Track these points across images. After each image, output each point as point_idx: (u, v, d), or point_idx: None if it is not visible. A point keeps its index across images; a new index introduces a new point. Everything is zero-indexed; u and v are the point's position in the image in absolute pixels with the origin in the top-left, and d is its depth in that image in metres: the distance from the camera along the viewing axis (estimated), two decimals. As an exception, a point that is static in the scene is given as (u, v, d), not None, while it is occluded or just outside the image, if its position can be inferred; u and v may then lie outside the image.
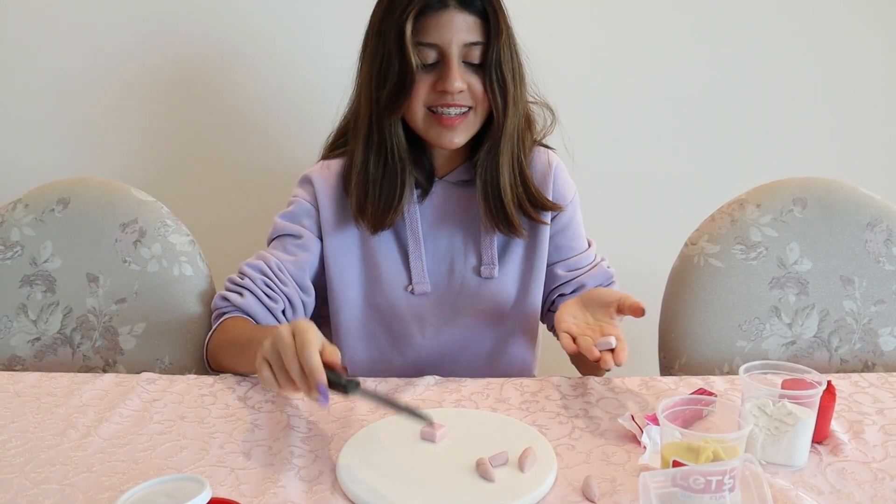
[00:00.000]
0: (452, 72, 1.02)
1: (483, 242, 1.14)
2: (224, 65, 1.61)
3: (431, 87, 1.04)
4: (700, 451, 0.72)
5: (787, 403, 0.82)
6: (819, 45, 1.64)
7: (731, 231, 1.21)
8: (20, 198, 1.26)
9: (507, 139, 1.08)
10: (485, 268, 1.14)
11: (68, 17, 1.57)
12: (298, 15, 1.58)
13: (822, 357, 1.19)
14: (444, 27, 1.02)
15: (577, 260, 1.19)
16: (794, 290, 1.20)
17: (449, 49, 1.02)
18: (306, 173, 1.17)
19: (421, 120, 1.07)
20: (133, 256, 1.22)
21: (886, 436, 0.89)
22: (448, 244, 1.15)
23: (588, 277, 1.19)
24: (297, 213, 1.15)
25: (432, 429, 0.86)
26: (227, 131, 1.64)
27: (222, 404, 0.98)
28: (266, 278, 1.12)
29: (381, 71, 1.04)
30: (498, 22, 1.04)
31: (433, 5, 1.02)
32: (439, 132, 1.06)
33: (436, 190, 1.15)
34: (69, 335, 1.22)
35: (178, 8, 1.57)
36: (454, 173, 1.15)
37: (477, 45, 1.04)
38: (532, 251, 1.16)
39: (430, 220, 1.15)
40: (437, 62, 1.04)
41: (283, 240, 1.15)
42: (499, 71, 1.05)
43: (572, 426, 0.91)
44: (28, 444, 0.88)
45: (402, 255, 1.14)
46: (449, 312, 1.15)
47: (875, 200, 1.21)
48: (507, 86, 1.05)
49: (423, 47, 1.03)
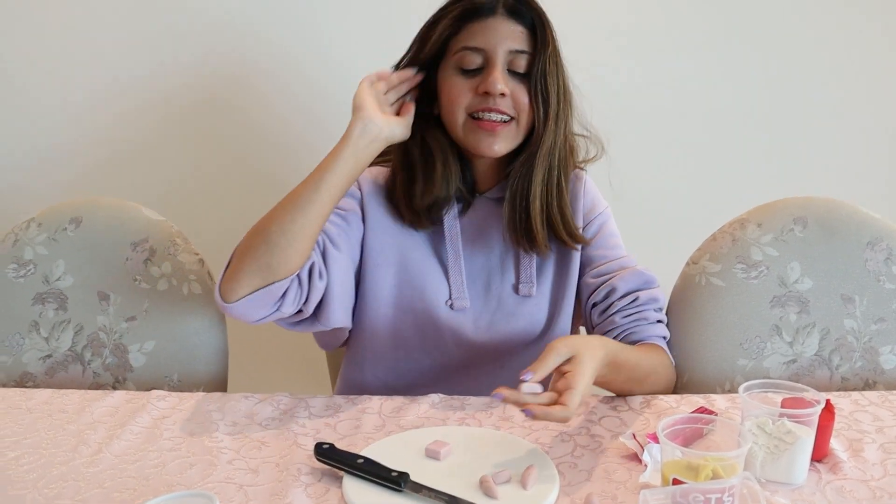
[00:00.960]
0: (495, 72, 1.04)
1: (522, 260, 1.15)
2: (237, 84, 1.64)
3: (473, 90, 1.06)
4: (700, 469, 0.73)
5: (787, 422, 0.83)
6: (820, 66, 1.66)
7: (733, 250, 1.23)
8: (33, 217, 1.29)
9: (543, 153, 1.08)
10: (523, 286, 1.14)
11: (80, 38, 1.61)
12: (312, 33, 1.61)
13: (824, 375, 1.20)
14: (490, 32, 1.05)
15: (607, 266, 1.15)
16: (794, 308, 1.21)
17: (494, 53, 1.04)
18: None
19: (461, 126, 1.08)
20: (143, 275, 1.25)
21: (885, 454, 0.90)
22: (485, 261, 1.15)
23: (619, 280, 1.12)
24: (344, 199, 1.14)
25: (437, 446, 0.87)
26: (239, 151, 1.67)
27: (230, 421, 1.00)
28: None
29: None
30: (545, 33, 1.06)
31: (482, 11, 1.05)
32: (479, 138, 1.07)
33: (476, 205, 1.16)
34: (80, 352, 1.24)
35: (189, 27, 1.60)
36: (494, 189, 1.16)
37: (523, 54, 1.06)
38: (563, 270, 1.16)
39: (469, 235, 1.15)
40: (480, 67, 1.06)
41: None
42: (543, 82, 1.06)
43: (574, 444, 0.93)
44: (41, 459, 0.90)
45: (441, 268, 1.14)
46: (485, 328, 1.15)
47: (875, 219, 1.22)
48: (549, 99, 1.06)
49: (468, 51, 1.05)
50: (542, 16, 1.07)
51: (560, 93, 1.08)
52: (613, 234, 1.19)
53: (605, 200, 1.22)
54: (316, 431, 0.97)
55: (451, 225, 1.14)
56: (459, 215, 1.15)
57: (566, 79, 1.10)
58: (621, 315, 1.11)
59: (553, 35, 1.07)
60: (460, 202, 1.15)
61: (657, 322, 1.14)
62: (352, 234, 1.12)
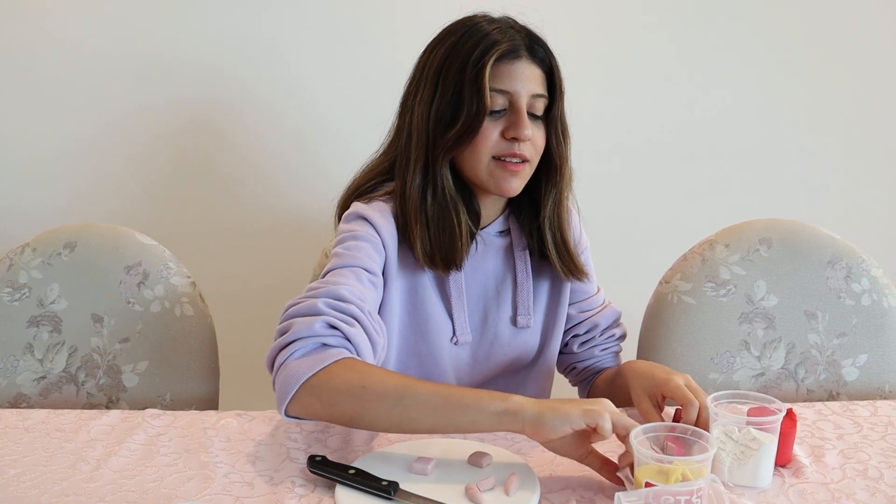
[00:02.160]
0: (523, 119, 1.05)
1: (520, 293, 1.17)
2: (228, 111, 1.69)
3: (500, 135, 1.07)
4: (670, 473, 0.78)
5: (752, 430, 0.89)
6: (786, 98, 1.74)
7: (702, 270, 1.29)
8: (28, 242, 1.32)
9: (566, 190, 1.15)
10: (521, 318, 1.17)
11: (76, 63, 1.65)
12: (308, 63, 1.67)
13: (790, 387, 1.27)
14: (516, 76, 1.06)
15: (590, 302, 1.24)
16: (761, 324, 1.27)
17: (519, 97, 1.06)
18: (356, 211, 1.10)
19: (485, 167, 1.08)
20: (137, 298, 1.28)
21: (845, 459, 0.96)
22: (481, 294, 1.17)
23: (600, 317, 1.24)
24: (366, 247, 1.06)
25: (422, 462, 0.91)
26: (228, 177, 1.71)
27: (224, 437, 1.03)
28: (369, 307, 0.99)
29: (450, 112, 1.06)
30: (560, 77, 1.10)
31: (508, 54, 1.06)
32: (502, 178, 1.07)
33: (476, 240, 1.16)
34: (74, 373, 1.27)
35: (185, 53, 1.65)
36: (494, 224, 1.17)
37: (541, 98, 1.09)
38: (556, 299, 1.21)
39: (468, 269, 1.15)
40: (503, 110, 1.07)
41: (357, 271, 1.03)
42: (562, 124, 1.11)
43: (554, 455, 0.98)
44: (41, 476, 0.93)
45: (445, 305, 1.14)
46: (483, 360, 1.18)
47: (835, 240, 1.30)
48: (567, 139, 1.12)
49: (495, 93, 1.05)
50: (555, 59, 1.10)
51: (567, 131, 1.13)
52: (592, 268, 1.26)
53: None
54: (308, 446, 1.01)
55: None
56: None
57: None
58: (599, 349, 1.25)
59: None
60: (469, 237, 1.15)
61: (619, 352, 1.29)
62: (380, 297, 1.09)
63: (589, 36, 1.69)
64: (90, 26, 1.64)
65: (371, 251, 1.06)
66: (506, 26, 1.08)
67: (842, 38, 1.72)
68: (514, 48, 1.06)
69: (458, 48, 1.06)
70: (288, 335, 0.92)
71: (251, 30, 1.65)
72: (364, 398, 0.88)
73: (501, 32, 1.06)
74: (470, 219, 1.12)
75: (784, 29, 1.71)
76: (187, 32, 1.65)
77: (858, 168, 1.79)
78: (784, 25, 1.71)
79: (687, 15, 1.69)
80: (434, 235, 1.08)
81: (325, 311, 0.93)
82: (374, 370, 0.91)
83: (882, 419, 1.08)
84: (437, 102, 1.07)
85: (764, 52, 1.72)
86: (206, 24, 1.64)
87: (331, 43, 1.66)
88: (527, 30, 1.10)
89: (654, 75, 1.72)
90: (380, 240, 1.08)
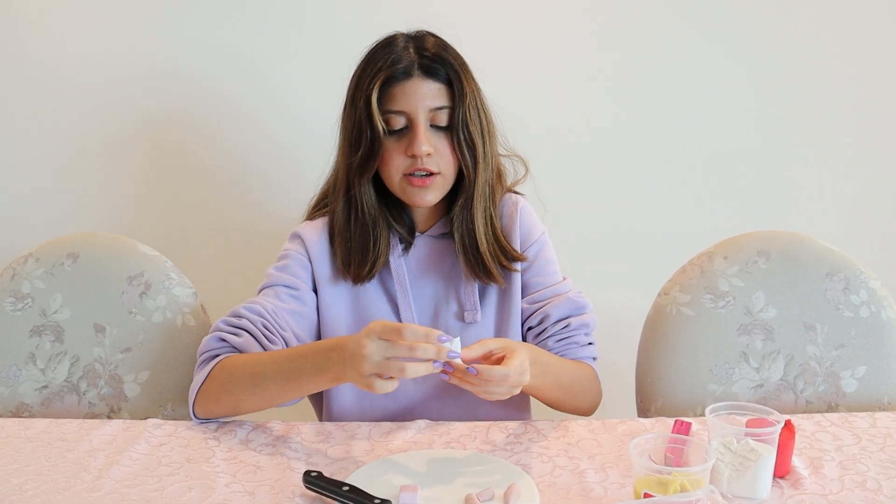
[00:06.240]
0: (419, 136, 1.10)
1: (465, 290, 1.21)
2: (229, 120, 1.70)
3: (403, 153, 1.12)
4: (668, 483, 0.79)
5: (750, 441, 0.89)
6: (784, 107, 1.75)
7: (701, 281, 1.30)
8: (31, 252, 1.33)
9: (479, 194, 1.17)
10: (468, 313, 1.21)
11: (77, 75, 1.67)
12: (292, 76, 1.69)
13: (789, 399, 1.27)
14: (409, 95, 1.11)
15: (542, 293, 1.23)
16: (760, 336, 1.28)
17: (416, 114, 1.11)
18: (295, 230, 1.23)
19: (397, 185, 1.15)
20: (139, 308, 1.29)
21: (843, 470, 0.97)
22: (433, 293, 1.22)
23: (551, 308, 1.21)
24: (291, 265, 1.20)
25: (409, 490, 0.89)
26: (235, 187, 1.72)
27: (226, 447, 1.04)
28: (264, 320, 1.13)
29: (354, 137, 1.14)
30: (462, 86, 1.13)
31: (398, 76, 1.11)
32: (413, 193, 1.14)
33: (418, 243, 1.23)
34: (76, 383, 1.28)
35: (188, 62, 1.66)
36: (434, 227, 1.23)
37: (443, 109, 1.13)
38: (506, 295, 1.22)
39: (415, 271, 1.22)
40: (405, 128, 1.12)
41: (277, 289, 1.18)
42: (466, 131, 1.14)
43: (553, 465, 0.98)
44: (44, 486, 0.94)
45: (391, 305, 1.21)
46: None
47: (833, 252, 1.30)
48: (475, 144, 1.14)
49: (392, 114, 1.11)
50: (456, 69, 1.13)
51: (484, 133, 1.16)
52: (550, 261, 1.26)
53: (542, 225, 1.28)
54: (308, 456, 1.01)
55: (397, 265, 1.21)
56: (403, 254, 1.22)
57: (488, 114, 1.19)
58: (554, 339, 1.21)
59: (470, 83, 1.14)
60: (402, 242, 1.22)
61: (587, 345, 1.23)
62: (307, 308, 1.19)
63: (585, 46, 1.70)
64: (92, 37, 1.65)
65: (297, 268, 1.19)
66: (402, 48, 1.12)
67: (839, 48, 1.73)
68: (405, 69, 1.11)
69: (354, 77, 1.16)
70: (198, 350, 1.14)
71: (257, 35, 1.66)
72: (234, 392, 1.06)
73: (393, 55, 1.11)
74: (403, 228, 1.21)
75: (781, 41, 1.72)
76: (188, 42, 1.66)
77: (857, 180, 1.79)
78: (781, 38, 1.72)
79: (684, 25, 1.71)
80: (352, 251, 1.18)
81: (220, 327, 1.13)
82: (240, 363, 1.07)
83: (881, 431, 1.08)
84: (346, 129, 1.16)
85: (764, 64, 1.73)
86: (212, 33, 1.66)
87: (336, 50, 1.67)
88: (424, 46, 1.13)
89: (651, 86, 1.73)
90: (307, 256, 1.20)
